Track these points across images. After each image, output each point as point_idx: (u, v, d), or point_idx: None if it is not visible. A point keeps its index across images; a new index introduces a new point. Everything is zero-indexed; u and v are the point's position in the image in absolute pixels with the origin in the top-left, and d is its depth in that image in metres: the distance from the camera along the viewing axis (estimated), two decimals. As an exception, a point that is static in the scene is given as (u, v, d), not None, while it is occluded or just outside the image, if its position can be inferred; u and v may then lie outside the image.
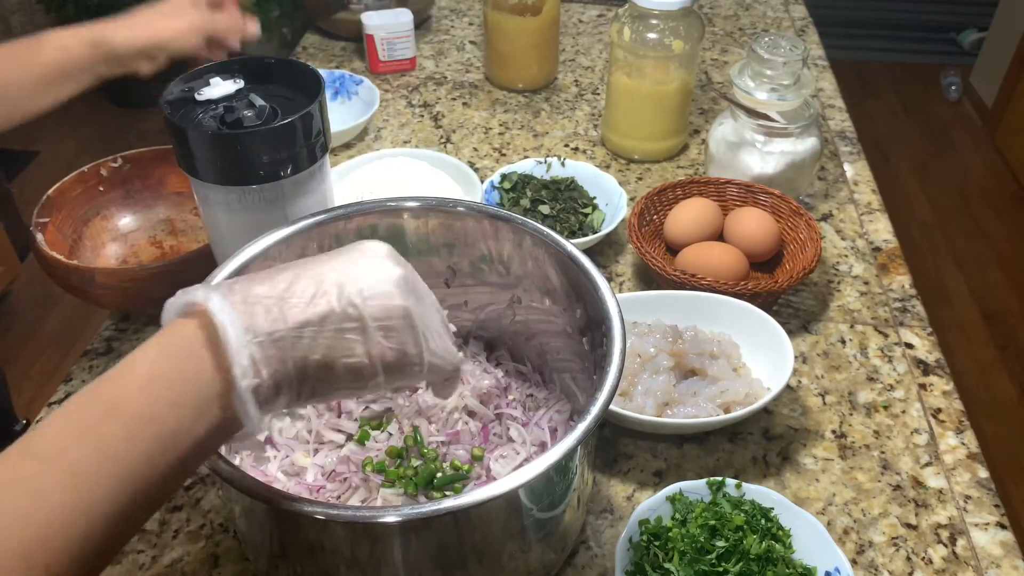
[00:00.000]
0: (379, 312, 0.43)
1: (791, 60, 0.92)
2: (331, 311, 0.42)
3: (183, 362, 0.39)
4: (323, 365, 0.42)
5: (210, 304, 0.40)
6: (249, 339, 0.40)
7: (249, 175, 0.63)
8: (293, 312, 0.41)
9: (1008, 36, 2.76)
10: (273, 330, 0.41)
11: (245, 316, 0.40)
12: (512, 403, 0.68)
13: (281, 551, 0.52)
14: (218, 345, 0.39)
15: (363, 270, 0.44)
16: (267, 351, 0.40)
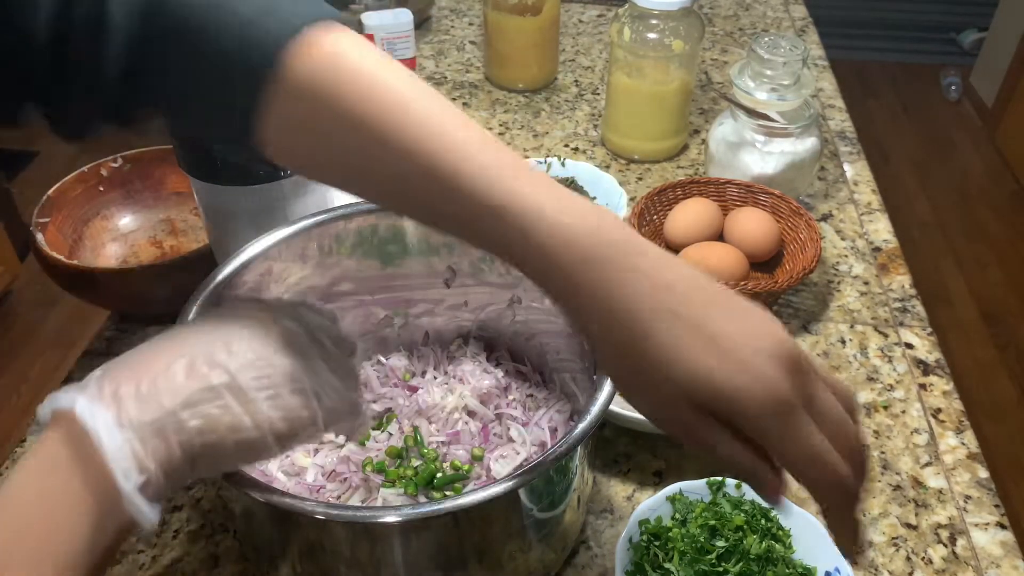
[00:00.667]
0: (257, 381, 0.41)
1: (791, 60, 0.92)
2: (207, 385, 0.40)
3: (66, 484, 0.36)
4: (209, 443, 0.40)
5: (76, 408, 0.37)
6: (127, 436, 0.37)
7: (249, 175, 0.63)
8: (167, 395, 0.39)
9: (1008, 36, 2.76)
10: (152, 418, 0.38)
11: (117, 412, 0.38)
12: (512, 403, 0.68)
13: (281, 551, 0.52)
14: (94, 454, 0.36)
15: (237, 336, 0.42)
16: (149, 442, 0.38)
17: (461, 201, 0.38)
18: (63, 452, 0.37)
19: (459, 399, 0.66)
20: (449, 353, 0.72)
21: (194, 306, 0.54)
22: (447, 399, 0.66)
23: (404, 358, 0.72)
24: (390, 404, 0.68)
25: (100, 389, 0.39)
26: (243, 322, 0.43)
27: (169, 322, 0.55)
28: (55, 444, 0.37)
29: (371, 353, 0.72)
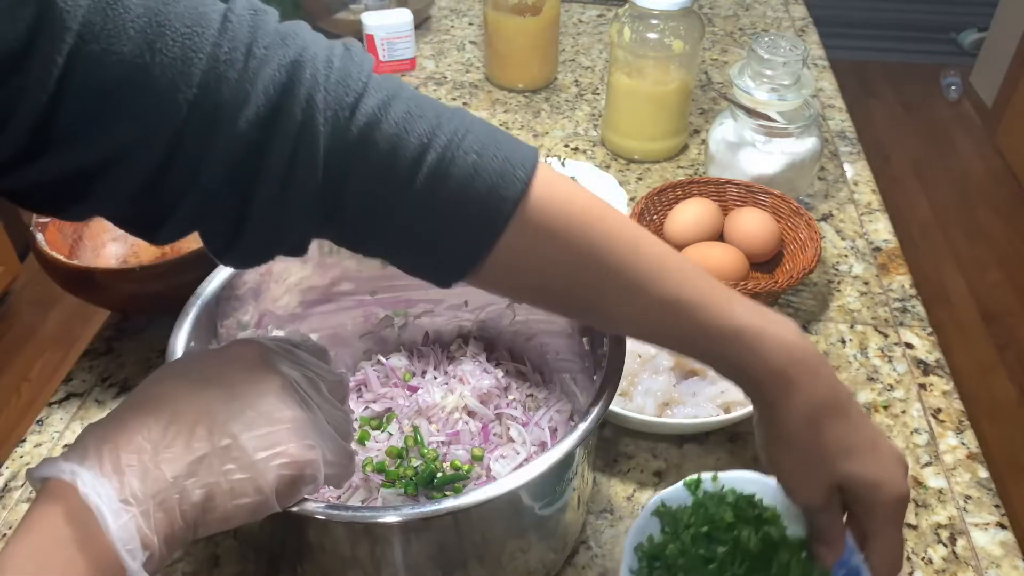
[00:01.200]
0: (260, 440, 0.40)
1: (791, 60, 0.92)
2: (208, 452, 0.39)
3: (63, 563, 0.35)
4: (211, 510, 0.39)
5: (80, 485, 0.36)
6: (131, 511, 0.37)
7: (249, 175, 0.63)
8: (169, 464, 0.38)
9: (1008, 36, 2.76)
10: (155, 491, 0.37)
11: (120, 486, 0.37)
12: (512, 403, 0.68)
13: (281, 551, 0.52)
14: (97, 532, 0.36)
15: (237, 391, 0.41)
16: (152, 517, 0.37)
17: (697, 326, 0.44)
18: (67, 530, 0.36)
19: (459, 399, 0.66)
20: (449, 353, 0.73)
21: (194, 306, 0.54)
22: (447, 399, 0.66)
23: (404, 358, 0.72)
24: (390, 404, 0.68)
25: (100, 460, 0.37)
26: (242, 374, 0.42)
27: (169, 322, 0.55)
28: (57, 519, 0.36)
29: (371, 353, 0.72)
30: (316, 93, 0.38)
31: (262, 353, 0.44)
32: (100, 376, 0.79)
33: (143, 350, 0.81)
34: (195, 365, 0.43)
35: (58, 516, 0.36)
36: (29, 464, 0.71)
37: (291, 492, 0.42)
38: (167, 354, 0.52)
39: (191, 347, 0.53)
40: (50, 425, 0.74)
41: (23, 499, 0.68)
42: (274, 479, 0.41)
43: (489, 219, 0.41)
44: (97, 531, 0.36)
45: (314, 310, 0.65)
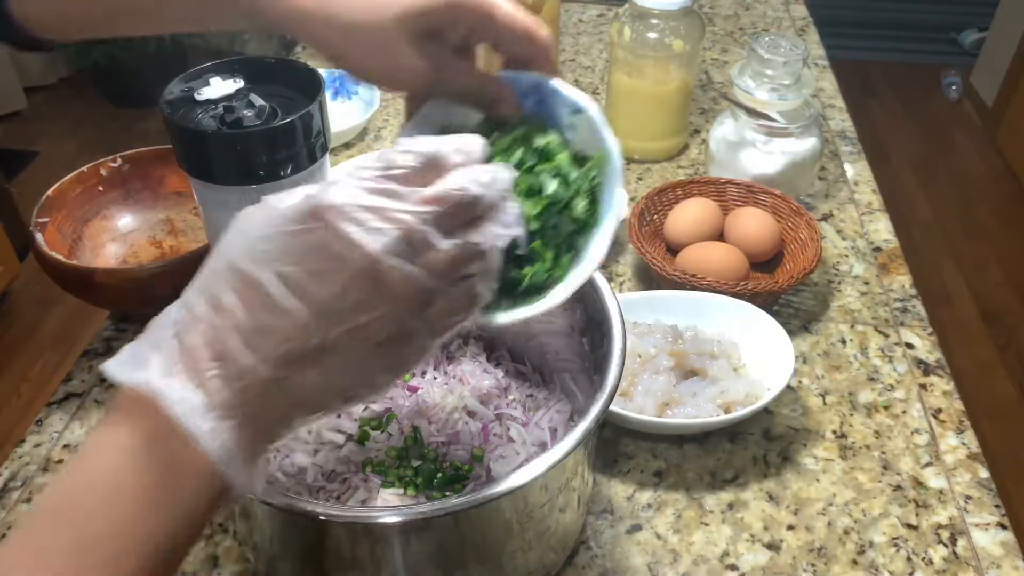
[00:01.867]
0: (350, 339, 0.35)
1: (791, 60, 0.92)
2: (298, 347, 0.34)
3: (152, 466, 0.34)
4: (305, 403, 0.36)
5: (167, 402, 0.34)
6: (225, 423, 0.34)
7: (249, 175, 0.63)
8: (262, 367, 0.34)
9: (1008, 36, 2.76)
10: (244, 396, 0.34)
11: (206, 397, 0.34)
12: (512, 403, 0.68)
13: (281, 551, 0.52)
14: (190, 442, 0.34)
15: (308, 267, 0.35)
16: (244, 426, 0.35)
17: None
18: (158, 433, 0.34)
19: (459, 399, 0.66)
20: (449, 353, 0.72)
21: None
22: (447, 399, 0.66)
23: (404, 358, 0.71)
24: (390, 404, 0.68)
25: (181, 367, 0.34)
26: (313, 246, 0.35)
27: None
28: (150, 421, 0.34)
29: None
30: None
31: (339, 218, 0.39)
32: (100, 376, 0.79)
33: (143, 350, 0.81)
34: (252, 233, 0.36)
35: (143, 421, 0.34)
36: (29, 464, 0.71)
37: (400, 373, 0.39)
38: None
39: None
40: (49, 425, 0.74)
41: (23, 499, 0.68)
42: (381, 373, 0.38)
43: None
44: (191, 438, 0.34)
45: (314, 310, 0.65)
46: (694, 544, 0.65)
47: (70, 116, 2.83)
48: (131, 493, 0.34)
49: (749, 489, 0.69)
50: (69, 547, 0.32)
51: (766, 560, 0.64)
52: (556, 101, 0.47)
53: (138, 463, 0.34)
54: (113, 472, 0.34)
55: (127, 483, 0.34)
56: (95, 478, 0.34)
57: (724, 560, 0.64)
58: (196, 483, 0.34)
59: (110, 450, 0.34)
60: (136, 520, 0.33)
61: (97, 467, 0.34)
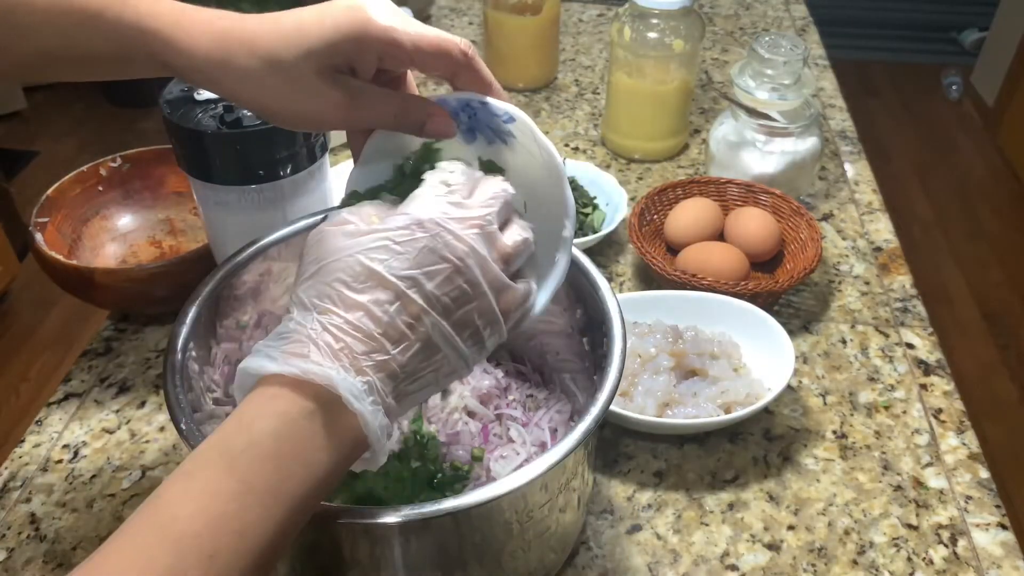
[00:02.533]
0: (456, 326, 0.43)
1: (792, 60, 0.92)
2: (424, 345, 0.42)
3: (314, 431, 0.38)
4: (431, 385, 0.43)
5: (335, 383, 0.39)
6: (378, 407, 0.40)
7: (249, 175, 0.63)
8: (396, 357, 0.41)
9: (1009, 36, 2.76)
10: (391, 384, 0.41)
11: (364, 383, 0.40)
12: (512, 403, 0.68)
13: (280, 552, 0.52)
14: (347, 413, 0.39)
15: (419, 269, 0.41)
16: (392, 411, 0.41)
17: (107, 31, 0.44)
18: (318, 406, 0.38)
19: (459, 399, 0.66)
20: (449, 353, 0.72)
21: (194, 306, 0.54)
22: (447, 399, 0.66)
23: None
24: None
25: (339, 353, 0.39)
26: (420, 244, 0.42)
27: (169, 322, 0.55)
28: (310, 396, 0.38)
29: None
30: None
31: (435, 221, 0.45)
32: (99, 376, 0.79)
33: (143, 350, 0.81)
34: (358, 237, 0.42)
35: (307, 393, 0.39)
36: (28, 464, 0.71)
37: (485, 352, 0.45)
38: (166, 354, 0.52)
39: (190, 347, 0.53)
40: (49, 425, 0.74)
41: (22, 499, 0.68)
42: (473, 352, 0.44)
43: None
44: (344, 413, 0.39)
45: (314, 310, 0.65)
46: (694, 544, 0.65)
47: (70, 116, 2.83)
48: (291, 453, 0.38)
49: (749, 489, 0.69)
50: (232, 493, 0.36)
51: (766, 560, 0.64)
52: (488, 113, 0.48)
53: (298, 428, 0.38)
54: (275, 434, 0.38)
55: (288, 445, 0.38)
56: (259, 437, 0.37)
57: (724, 560, 0.64)
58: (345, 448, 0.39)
59: (273, 415, 0.38)
60: (290, 476, 0.37)
61: (261, 427, 0.38)
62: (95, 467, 0.71)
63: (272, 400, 0.39)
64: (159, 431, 0.73)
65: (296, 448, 0.38)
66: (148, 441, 0.73)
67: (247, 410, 0.39)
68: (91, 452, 0.72)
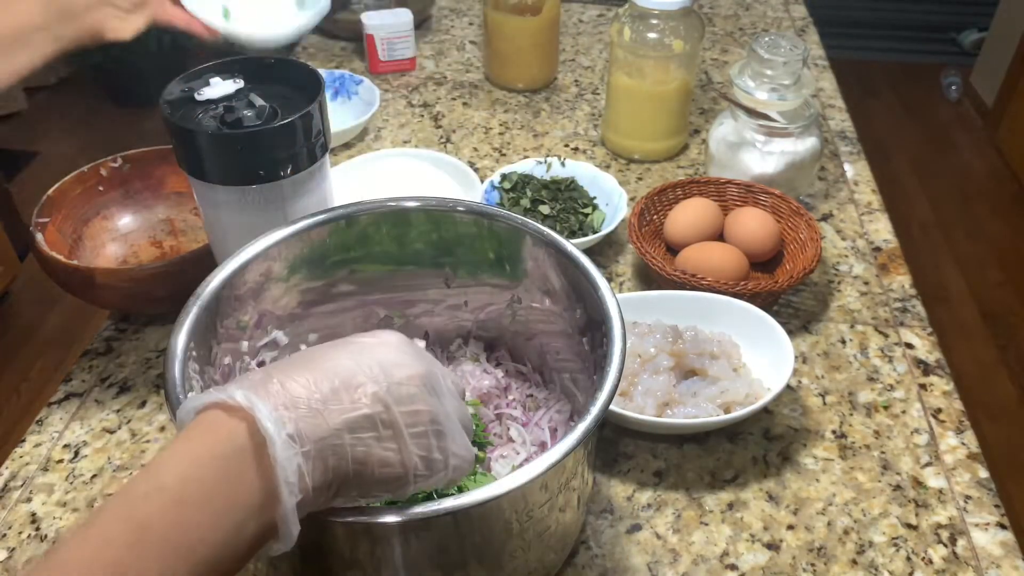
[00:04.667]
0: (409, 418, 0.42)
1: (791, 60, 0.92)
2: (369, 415, 0.40)
3: (221, 476, 0.36)
4: (359, 474, 0.40)
5: (256, 412, 0.37)
6: (296, 449, 0.37)
7: (249, 175, 0.63)
8: (334, 415, 0.39)
9: (1008, 36, 2.76)
10: (318, 436, 0.38)
11: (289, 421, 0.38)
12: (512, 403, 0.68)
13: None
14: (262, 457, 0.36)
15: (390, 367, 0.42)
16: (311, 460, 0.38)
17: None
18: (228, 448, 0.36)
19: (459, 399, 0.66)
20: (449, 353, 0.72)
21: (194, 306, 0.54)
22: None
23: (404, 358, 0.71)
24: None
25: (270, 396, 0.38)
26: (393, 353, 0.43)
27: (169, 322, 0.55)
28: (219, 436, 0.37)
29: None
30: None
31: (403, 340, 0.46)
32: (100, 376, 0.79)
33: (143, 350, 0.81)
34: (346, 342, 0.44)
35: (222, 434, 0.37)
36: (29, 464, 0.71)
37: (425, 477, 0.43)
38: (167, 354, 0.52)
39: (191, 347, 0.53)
40: (50, 425, 0.74)
41: (23, 499, 0.68)
42: (415, 460, 0.42)
43: None
44: (261, 459, 0.36)
45: (314, 310, 0.65)
46: (694, 544, 0.65)
47: (70, 116, 2.83)
48: (196, 499, 0.35)
49: (749, 489, 0.69)
50: (128, 540, 0.34)
51: (766, 560, 0.64)
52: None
53: (207, 471, 0.36)
54: (182, 478, 0.36)
55: (194, 488, 0.36)
56: (165, 480, 0.36)
57: (724, 560, 0.64)
58: (255, 500, 0.37)
59: (184, 459, 0.36)
60: (194, 525, 0.35)
61: (168, 470, 0.36)
62: (96, 467, 0.71)
63: (185, 442, 0.37)
64: (159, 431, 0.74)
65: (203, 494, 0.35)
66: (149, 441, 0.73)
67: (165, 451, 0.37)
68: (92, 452, 0.72)
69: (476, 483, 0.59)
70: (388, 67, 1.28)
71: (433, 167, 0.98)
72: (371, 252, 0.65)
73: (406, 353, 0.44)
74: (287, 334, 0.63)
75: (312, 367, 0.41)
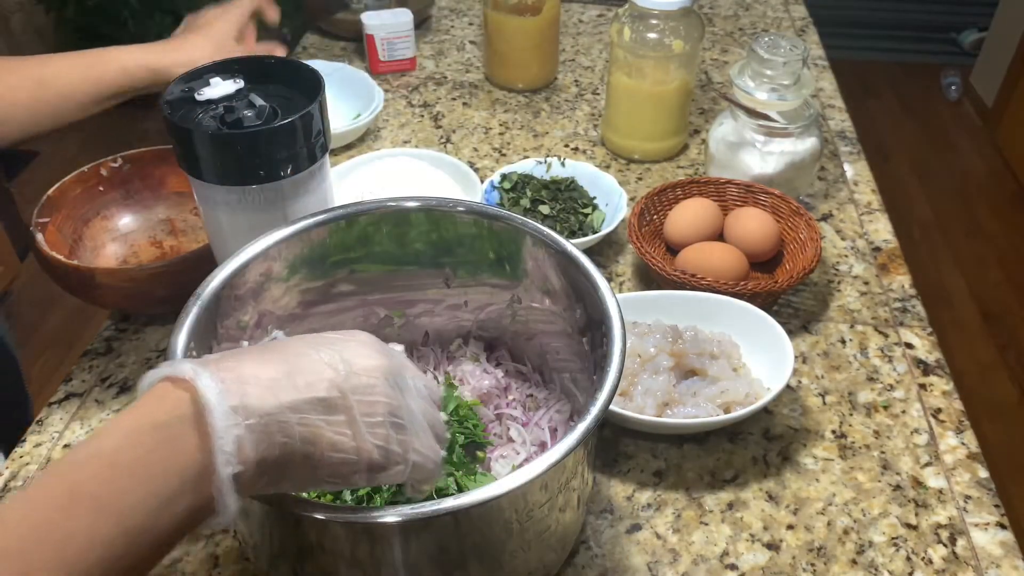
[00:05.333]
0: (366, 407, 0.42)
1: (791, 60, 0.92)
2: (323, 399, 0.40)
3: (158, 443, 0.36)
4: (308, 455, 0.40)
5: (198, 381, 0.37)
6: (237, 420, 0.37)
7: (249, 175, 0.63)
8: (285, 393, 0.39)
9: (1008, 36, 2.76)
10: (264, 411, 0.38)
11: (234, 394, 0.38)
12: (512, 403, 0.68)
13: (281, 551, 0.52)
14: (201, 425, 0.37)
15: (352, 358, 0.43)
16: (255, 433, 0.38)
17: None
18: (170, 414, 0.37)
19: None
20: (449, 353, 0.73)
21: (194, 306, 0.54)
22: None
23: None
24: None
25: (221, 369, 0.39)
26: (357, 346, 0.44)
27: (169, 322, 0.55)
28: (166, 402, 0.38)
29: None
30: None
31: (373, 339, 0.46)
32: (100, 376, 0.79)
33: (143, 350, 0.81)
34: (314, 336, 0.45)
35: (167, 400, 0.38)
36: (29, 464, 0.71)
37: (379, 470, 0.43)
38: (167, 354, 0.52)
39: (191, 347, 0.53)
40: (50, 425, 0.74)
41: (23, 499, 0.68)
42: (371, 448, 0.42)
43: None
44: (200, 428, 0.37)
45: (314, 310, 0.65)
46: (694, 544, 0.65)
47: (70, 116, 2.83)
48: (131, 465, 0.36)
49: (749, 489, 0.69)
50: (60, 502, 0.34)
51: (766, 560, 0.64)
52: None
53: (145, 438, 0.37)
54: (119, 444, 0.36)
55: (129, 455, 0.36)
56: (103, 446, 0.36)
57: (724, 560, 0.64)
58: (191, 469, 0.37)
59: (124, 426, 0.37)
60: (127, 491, 0.35)
61: (108, 438, 0.37)
62: (96, 467, 0.71)
63: (131, 411, 0.38)
64: (160, 431, 0.73)
65: (137, 460, 0.36)
66: (149, 441, 0.73)
67: (108, 421, 0.38)
68: (92, 452, 0.72)
69: (476, 483, 0.59)
70: (388, 67, 1.28)
71: (433, 167, 0.98)
72: (371, 252, 0.65)
73: (372, 348, 0.44)
74: (287, 334, 0.63)
75: (273, 352, 0.42)
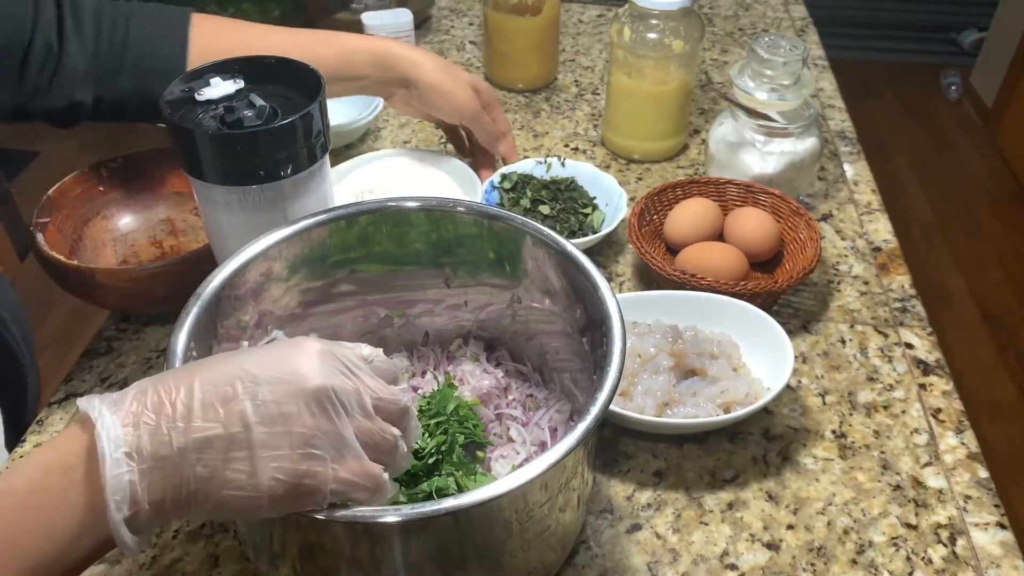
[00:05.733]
0: (270, 438, 0.40)
1: (791, 60, 0.92)
2: (225, 435, 0.40)
3: (64, 486, 0.38)
4: (206, 492, 0.40)
5: (99, 424, 0.38)
6: (131, 466, 0.38)
7: (249, 175, 0.63)
8: (187, 432, 0.39)
9: (1008, 36, 2.76)
10: (160, 455, 0.39)
11: (132, 436, 0.39)
12: (512, 403, 0.68)
13: (281, 551, 0.52)
14: (94, 471, 0.38)
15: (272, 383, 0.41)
16: (147, 478, 0.39)
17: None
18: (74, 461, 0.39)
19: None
20: (449, 353, 0.73)
21: (194, 306, 0.54)
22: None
23: (404, 358, 0.72)
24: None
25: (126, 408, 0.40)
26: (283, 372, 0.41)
27: (169, 322, 0.55)
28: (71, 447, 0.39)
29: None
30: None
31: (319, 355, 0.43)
32: (100, 376, 0.79)
33: (143, 350, 0.81)
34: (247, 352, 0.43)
35: (73, 445, 0.39)
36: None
37: (285, 501, 0.41)
38: (167, 354, 0.52)
39: (191, 347, 0.53)
40: (50, 425, 0.74)
41: (23, 499, 0.68)
42: (272, 483, 0.40)
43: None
44: (94, 473, 0.38)
45: (314, 310, 0.65)
46: (694, 544, 0.65)
47: (70, 116, 2.83)
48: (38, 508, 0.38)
49: (749, 489, 0.69)
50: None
51: (766, 560, 0.64)
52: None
53: (54, 480, 0.39)
54: (30, 485, 0.39)
55: (37, 499, 0.38)
56: (16, 484, 0.39)
57: (724, 560, 0.64)
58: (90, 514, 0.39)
59: (39, 465, 0.39)
60: (30, 532, 0.38)
61: (22, 475, 0.39)
62: (96, 467, 0.71)
63: (49, 448, 0.40)
64: (160, 431, 0.73)
65: (43, 502, 0.38)
66: (149, 441, 0.73)
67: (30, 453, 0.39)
68: (92, 452, 0.72)
69: (476, 483, 0.59)
70: (388, 67, 1.27)
71: (433, 167, 0.98)
72: (371, 252, 0.65)
73: (309, 366, 0.42)
74: (287, 334, 0.63)
75: (196, 376, 0.41)
